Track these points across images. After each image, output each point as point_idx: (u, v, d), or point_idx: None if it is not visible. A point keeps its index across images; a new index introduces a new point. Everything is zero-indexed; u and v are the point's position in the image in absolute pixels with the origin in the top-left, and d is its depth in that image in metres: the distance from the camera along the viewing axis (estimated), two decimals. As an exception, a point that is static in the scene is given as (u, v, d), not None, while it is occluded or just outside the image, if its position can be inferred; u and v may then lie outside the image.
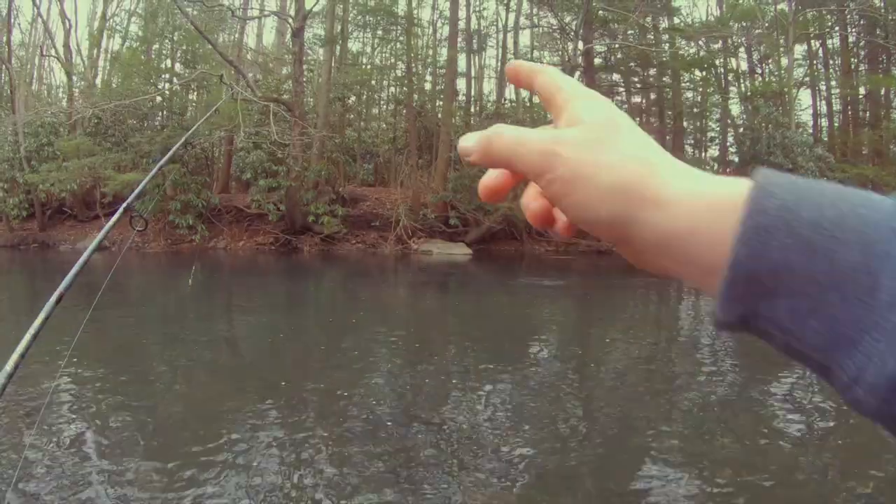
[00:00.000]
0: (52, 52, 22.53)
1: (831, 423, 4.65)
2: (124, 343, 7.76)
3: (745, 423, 4.70)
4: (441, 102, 18.35)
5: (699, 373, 6.13)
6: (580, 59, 18.65)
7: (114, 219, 1.67)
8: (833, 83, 23.28)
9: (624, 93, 25.19)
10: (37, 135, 18.40)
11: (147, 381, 6.07)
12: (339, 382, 5.97)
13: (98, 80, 21.33)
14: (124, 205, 1.82)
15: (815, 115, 24.57)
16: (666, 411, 5.03)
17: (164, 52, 21.50)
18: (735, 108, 24.90)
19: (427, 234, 15.50)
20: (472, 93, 22.47)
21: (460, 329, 8.82)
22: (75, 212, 18.84)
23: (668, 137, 24.26)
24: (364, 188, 17.96)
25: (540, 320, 9.40)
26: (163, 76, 21.06)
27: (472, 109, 20.66)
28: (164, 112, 20.28)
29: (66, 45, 20.67)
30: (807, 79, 23.60)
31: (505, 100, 20.42)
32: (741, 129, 23.59)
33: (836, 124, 24.04)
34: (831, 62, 23.70)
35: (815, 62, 23.85)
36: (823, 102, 24.07)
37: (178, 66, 21.33)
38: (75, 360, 6.61)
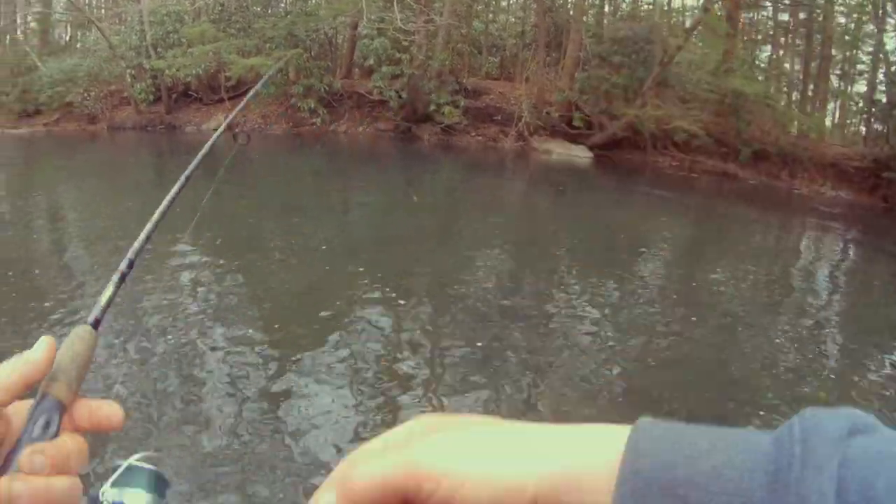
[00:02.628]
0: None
1: None
2: (242, 218, 8.08)
3: (848, 379, 4.34)
4: (573, -2, 17.25)
5: (805, 319, 5.70)
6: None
7: (244, 102, 1.57)
8: None
9: (770, 8, 22.75)
10: (162, 23, 18.89)
11: (261, 254, 6.31)
12: (446, 270, 6.00)
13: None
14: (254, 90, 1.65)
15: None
16: (762, 350, 4.73)
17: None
18: (891, 43, 21.89)
19: (549, 133, 15.04)
20: (607, -10, 20.86)
21: (572, 232, 8.66)
22: (200, 95, 19.50)
23: (812, 64, 21.84)
24: (488, 81, 17.50)
25: (653, 235, 9.06)
26: (287, -40, 20.93)
27: (606, 9, 19.32)
28: (289, -2, 20.30)
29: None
30: None
31: (641, 1, 18.97)
32: (894, 68, 20.82)
33: None
34: None
35: None
36: None
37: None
38: (197, 231, 6.90)
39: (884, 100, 20.16)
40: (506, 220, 9.13)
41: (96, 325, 0.47)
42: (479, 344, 4.28)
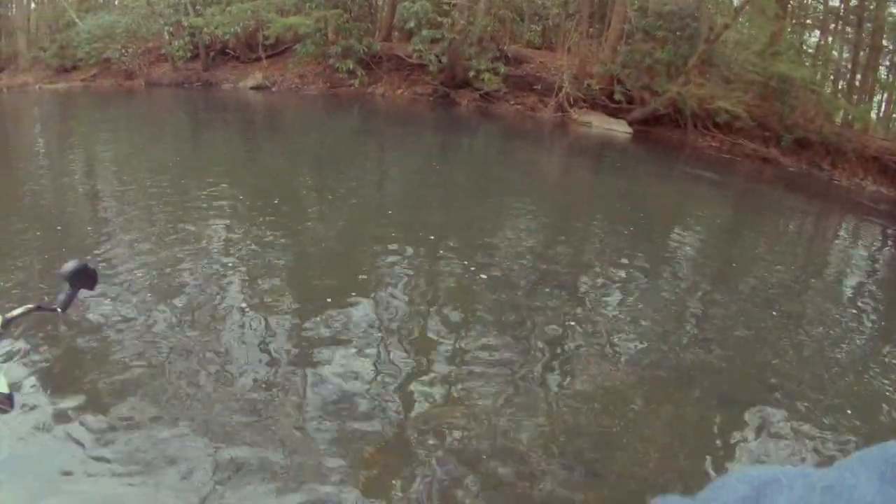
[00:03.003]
0: None
1: None
2: (277, 171, 8.07)
3: (876, 373, 4.21)
4: (620, -30, 16.84)
5: (838, 308, 5.58)
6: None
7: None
8: None
9: (820, -6, 22.06)
10: None
11: (293, 206, 6.31)
12: (478, 234, 5.96)
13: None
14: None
15: None
16: (793, 337, 4.65)
17: None
18: (943, 35, 21.18)
19: (588, 105, 14.83)
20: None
21: (606, 204, 8.56)
22: (237, 53, 19.52)
23: (861, 53, 21.21)
24: (529, 50, 17.28)
25: (690, 213, 8.94)
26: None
27: (652, -17, 18.86)
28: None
29: None
30: None
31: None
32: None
33: None
34: None
35: None
36: None
37: None
38: (232, 179, 6.88)
39: (931, 95, 19.50)
40: (541, 188, 9.07)
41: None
42: (509, 308, 4.25)
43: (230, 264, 4.59)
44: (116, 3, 22.94)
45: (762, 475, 0.26)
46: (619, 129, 14.48)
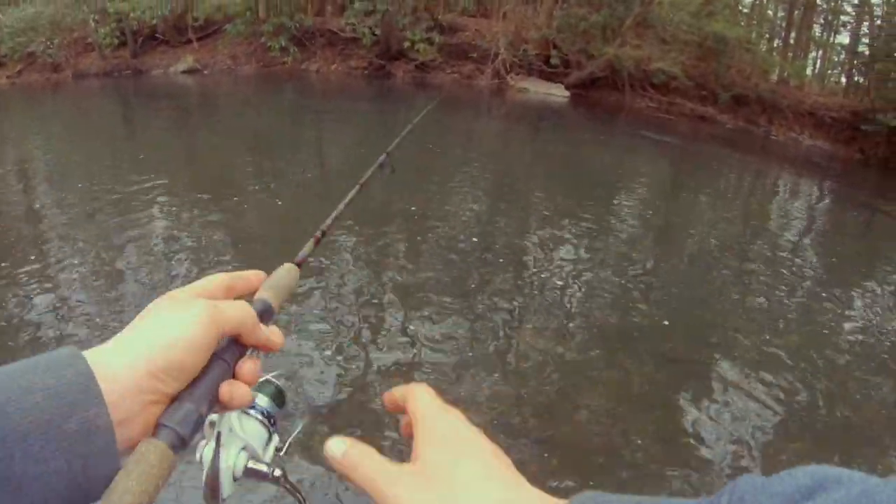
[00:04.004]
0: None
1: None
2: (215, 157, 7.78)
3: (815, 325, 4.31)
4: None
5: (776, 261, 5.67)
6: None
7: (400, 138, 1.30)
8: None
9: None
10: None
11: (235, 191, 6.10)
12: (420, 207, 5.82)
13: None
14: None
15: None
16: (735, 291, 4.72)
17: None
18: (876, -4, 21.67)
19: (525, 71, 14.71)
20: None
21: (547, 170, 8.53)
22: (167, 37, 18.78)
23: (796, 12, 21.56)
24: (464, 18, 17.01)
25: (630, 175, 8.96)
26: None
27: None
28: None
29: None
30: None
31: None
32: (878, 21, 20.64)
33: None
34: None
35: None
36: None
37: None
38: (169, 172, 6.61)
39: (866, 52, 20.00)
40: (481, 158, 8.96)
41: (299, 265, 0.61)
42: (455, 281, 4.23)
43: (175, 256, 4.43)
44: (38, -7, 21.90)
45: (827, 472, 0.26)
46: (557, 93, 14.40)
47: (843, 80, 20.61)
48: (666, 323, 3.94)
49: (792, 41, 19.86)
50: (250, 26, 16.64)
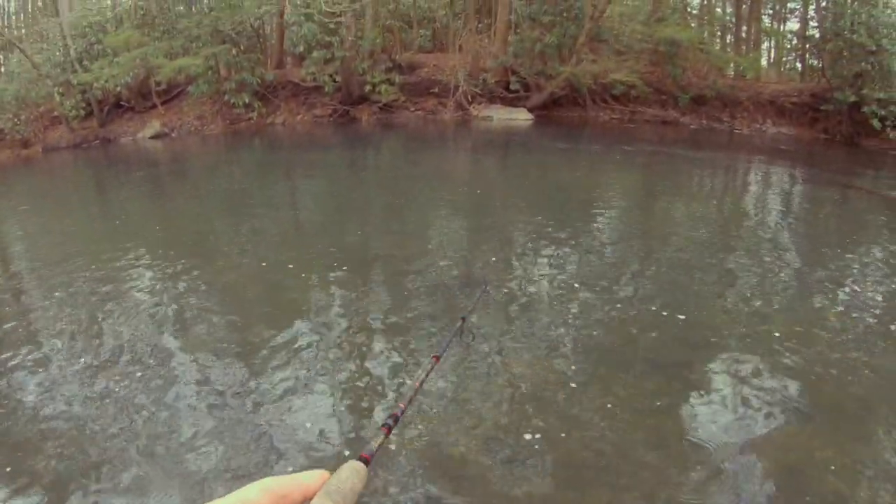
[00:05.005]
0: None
1: (893, 328, 4.15)
2: (188, 224, 7.82)
3: (798, 311, 4.37)
4: (499, -37, 17.09)
5: (756, 254, 5.75)
6: None
7: None
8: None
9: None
10: (84, 35, 18.28)
11: (210, 257, 6.11)
12: (397, 247, 5.92)
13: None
14: None
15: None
16: (715, 290, 4.76)
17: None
18: (819, -21, 22.27)
19: (487, 99, 14.96)
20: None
21: (519, 193, 8.62)
22: (132, 104, 18.94)
23: (744, 6, 22.12)
24: (421, 55, 17.31)
25: (601, 187, 9.09)
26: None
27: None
28: (211, -7, 19.78)
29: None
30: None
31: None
32: (824, 3, 21.28)
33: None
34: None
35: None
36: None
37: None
38: (145, 241, 6.69)
39: (816, 35, 20.52)
40: (452, 190, 9.04)
41: (367, 462, 0.53)
42: (437, 315, 4.26)
43: (158, 322, 4.43)
44: (1, 70, 22.00)
45: None
46: (521, 117, 14.65)
47: (798, 65, 21.10)
48: (650, 331, 3.97)
49: (743, 35, 20.35)
50: (213, 85, 16.82)
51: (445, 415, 3.12)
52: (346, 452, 2.87)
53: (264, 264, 5.66)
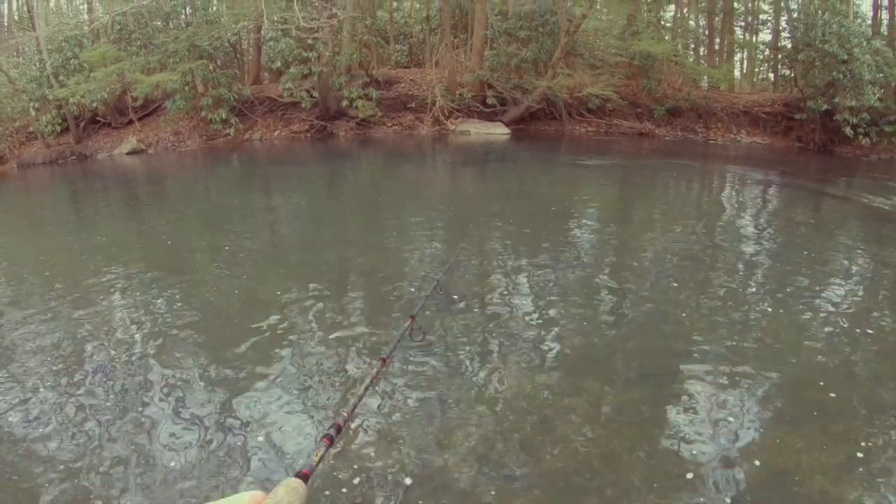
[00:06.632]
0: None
1: (870, 331, 4.21)
2: (165, 242, 7.78)
3: (778, 317, 4.41)
4: (475, -21, 17.25)
5: (735, 264, 5.82)
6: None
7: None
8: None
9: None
10: (61, 49, 18.06)
11: (188, 274, 6.03)
12: (377, 263, 5.90)
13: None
14: None
15: (876, 7, 22.30)
16: (696, 301, 4.78)
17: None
18: (790, -8, 22.77)
19: (464, 114, 15.05)
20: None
21: (498, 207, 8.63)
22: (108, 120, 18.77)
23: (716, 19, 22.53)
24: (398, 70, 17.38)
25: (580, 201, 9.12)
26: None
27: (509, -14, 19.42)
28: (189, 8, 19.72)
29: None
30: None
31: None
32: (795, 14, 21.79)
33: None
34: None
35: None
36: (886, -7, 21.72)
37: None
38: (123, 259, 6.62)
39: (789, 45, 20.93)
40: (431, 206, 9.03)
41: (306, 478, 0.50)
42: (422, 330, 4.26)
43: (138, 343, 4.35)
44: (-25, 86, 21.69)
45: None
46: (498, 131, 14.75)
47: (771, 75, 21.52)
48: (632, 342, 3.98)
49: (717, 47, 20.73)
50: (190, 101, 16.71)
51: (420, 428, 3.10)
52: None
53: (239, 281, 5.61)
